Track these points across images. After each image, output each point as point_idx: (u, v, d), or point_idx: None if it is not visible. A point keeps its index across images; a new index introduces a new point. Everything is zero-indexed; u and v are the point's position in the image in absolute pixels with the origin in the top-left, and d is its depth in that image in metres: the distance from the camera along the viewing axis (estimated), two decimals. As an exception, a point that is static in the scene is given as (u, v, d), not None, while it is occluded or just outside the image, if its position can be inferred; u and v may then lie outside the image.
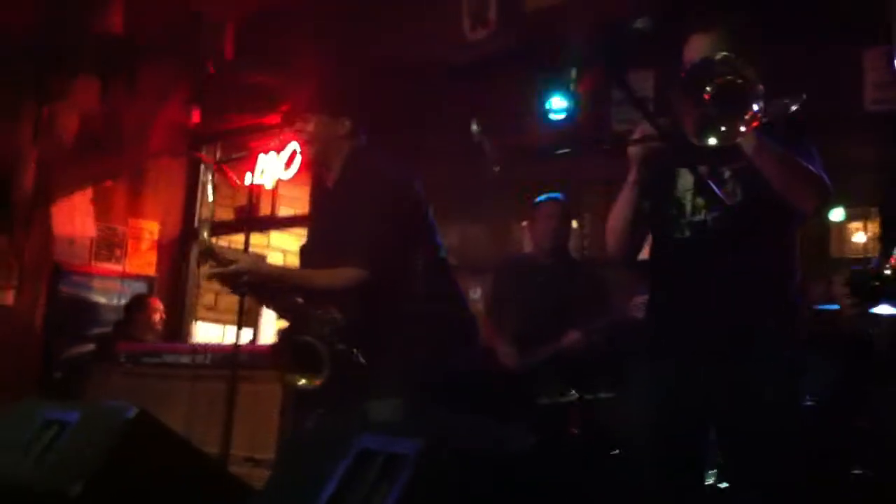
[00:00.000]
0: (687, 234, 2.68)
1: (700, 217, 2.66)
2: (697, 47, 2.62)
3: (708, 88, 2.36)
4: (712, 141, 2.35)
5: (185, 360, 4.50)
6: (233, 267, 2.83)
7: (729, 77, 2.36)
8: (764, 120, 2.36)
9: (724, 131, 2.34)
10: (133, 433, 2.41)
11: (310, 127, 3.05)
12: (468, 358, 3.12)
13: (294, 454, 2.56)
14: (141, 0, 6.31)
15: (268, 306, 3.16)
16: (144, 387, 4.61)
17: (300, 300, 3.01)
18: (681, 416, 2.64)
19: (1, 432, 2.70)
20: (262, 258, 6.20)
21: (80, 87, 6.97)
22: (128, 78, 7.19)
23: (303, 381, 2.91)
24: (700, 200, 2.65)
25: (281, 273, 3.01)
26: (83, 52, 6.70)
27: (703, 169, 2.60)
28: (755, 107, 2.32)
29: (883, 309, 3.89)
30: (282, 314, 3.09)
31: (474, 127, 3.40)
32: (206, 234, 2.99)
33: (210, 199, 3.40)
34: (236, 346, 4.11)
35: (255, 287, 2.94)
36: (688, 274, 2.67)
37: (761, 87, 2.31)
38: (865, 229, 6.29)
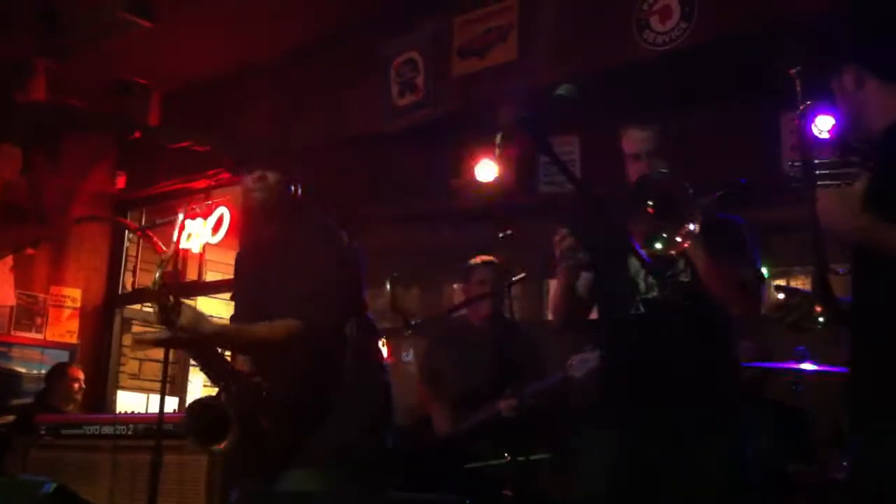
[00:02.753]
0: (642, 310, 2.85)
1: (654, 294, 2.83)
2: (634, 140, 2.86)
3: (650, 203, 2.55)
4: (658, 246, 2.50)
5: (107, 430, 4.35)
6: (175, 324, 2.80)
7: (664, 190, 2.55)
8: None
9: (665, 238, 2.50)
10: (52, 509, 2.32)
11: (267, 177, 3.08)
12: (394, 428, 3.11)
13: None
14: (66, 69, 6.23)
15: (194, 359, 3.12)
16: (65, 459, 4.43)
17: (227, 361, 2.97)
18: (627, 487, 2.72)
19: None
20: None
21: (1, 156, 6.83)
22: (51, 148, 7.09)
23: (206, 444, 2.85)
24: (652, 280, 2.83)
25: (219, 330, 2.97)
26: (5, 121, 6.59)
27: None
28: (691, 217, 2.50)
29: (806, 366, 3.99)
30: (206, 372, 3.04)
31: None
32: (157, 276, 3.00)
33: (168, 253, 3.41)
34: (161, 415, 3.99)
35: (191, 342, 2.92)
36: (643, 348, 2.81)
37: (696, 200, 2.52)
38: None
